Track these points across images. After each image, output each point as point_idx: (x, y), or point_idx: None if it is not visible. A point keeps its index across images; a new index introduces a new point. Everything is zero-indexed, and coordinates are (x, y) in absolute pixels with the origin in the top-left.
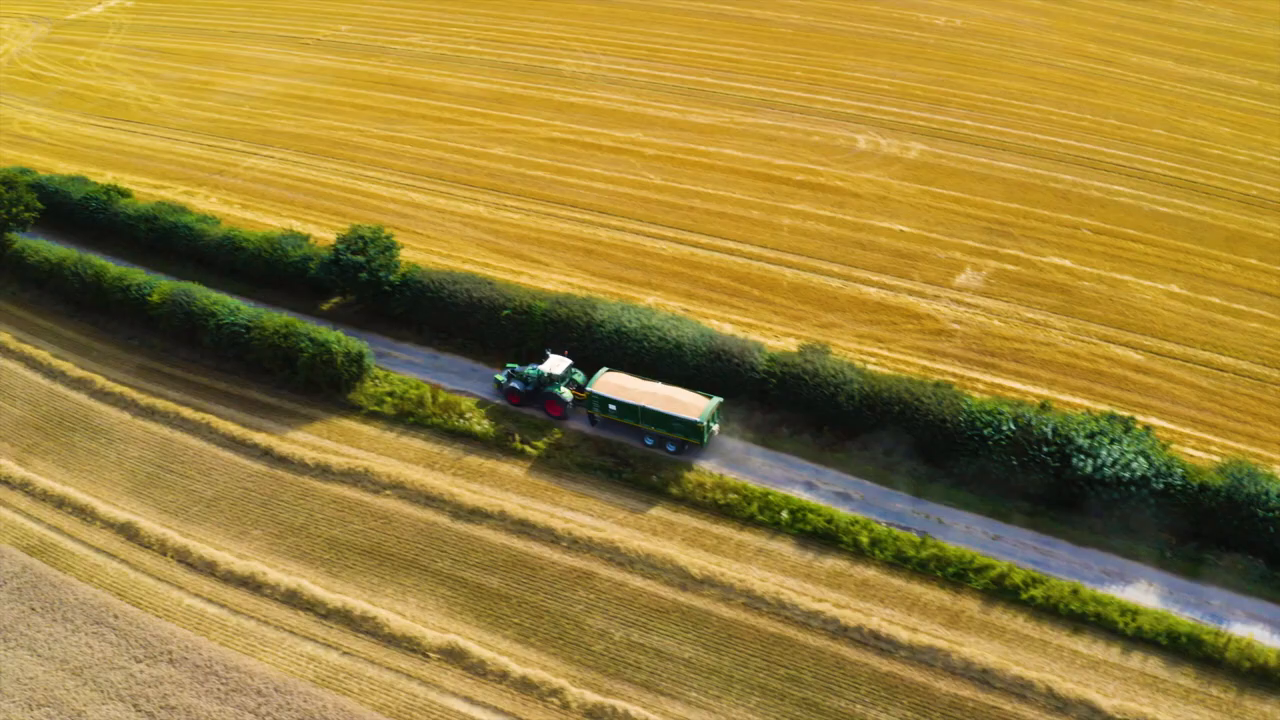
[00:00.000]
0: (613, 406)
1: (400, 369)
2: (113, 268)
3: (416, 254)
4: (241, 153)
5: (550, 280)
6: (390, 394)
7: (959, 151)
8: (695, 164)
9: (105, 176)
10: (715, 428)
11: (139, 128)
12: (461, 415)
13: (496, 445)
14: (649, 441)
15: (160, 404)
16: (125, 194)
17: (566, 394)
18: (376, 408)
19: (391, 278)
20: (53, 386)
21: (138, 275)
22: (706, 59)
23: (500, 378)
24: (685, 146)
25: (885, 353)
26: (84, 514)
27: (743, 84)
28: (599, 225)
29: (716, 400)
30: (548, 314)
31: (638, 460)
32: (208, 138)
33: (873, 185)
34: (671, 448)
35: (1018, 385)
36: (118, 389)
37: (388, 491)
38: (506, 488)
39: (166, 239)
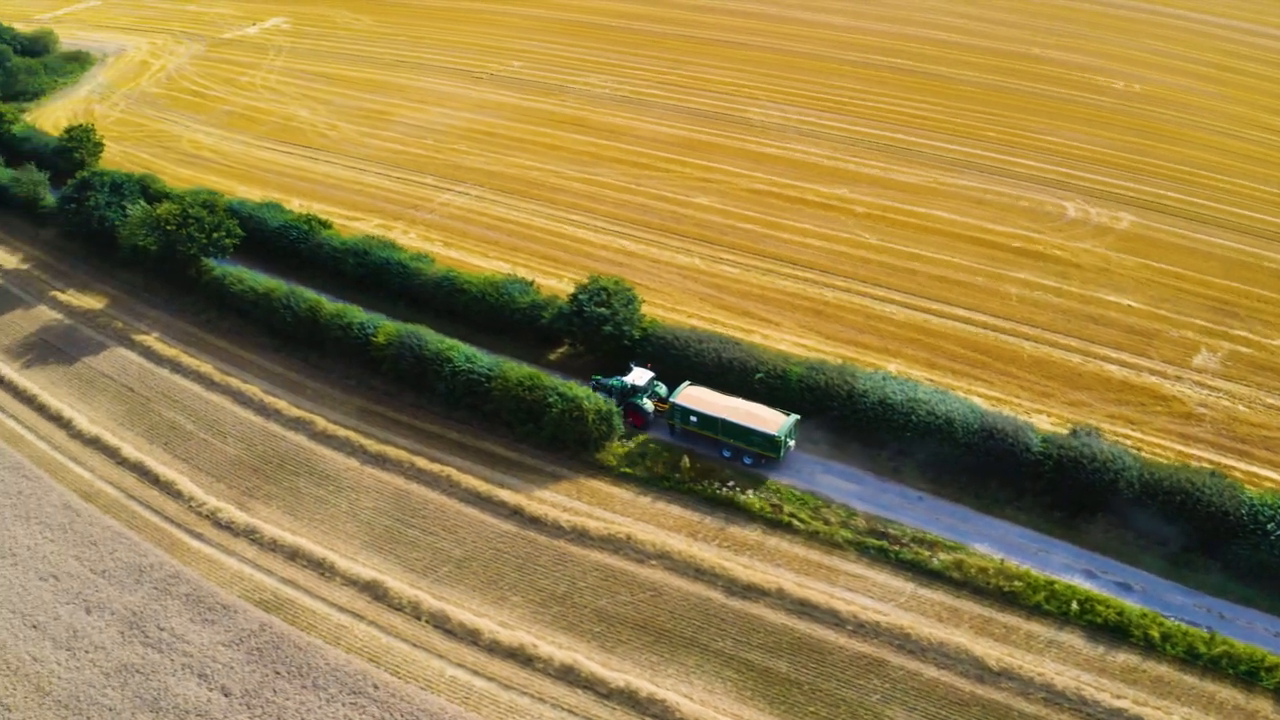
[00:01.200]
0: (694, 419)
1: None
2: (328, 303)
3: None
4: (434, 188)
5: (784, 341)
6: (642, 456)
7: (1169, 225)
8: (909, 225)
9: (292, 204)
10: (792, 443)
11: (319, 155)
12: (723, 484)
13: (760, 517)
14: (726, 454)
15: (391, 452)
16: (326, 224)
17: (648, 405)
18: (628, 470)
19: (633, 332)
20: (267, 425)
21: (357, 313)
22: (895, 114)
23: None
24: (895, 206)
25: (1139, 435)
26: (322, 568)
27: (937, 142)
28: (823, 285)
29: (794, 417)
30: (804, 380)
31: (910, 540)
32: (394, 169)
33: (1091, 256)
34: (748, 460)
35: (1274, 475)
36: (341, 433)
37: (653, 561)
38: (778, 563)
39: (377, 275)
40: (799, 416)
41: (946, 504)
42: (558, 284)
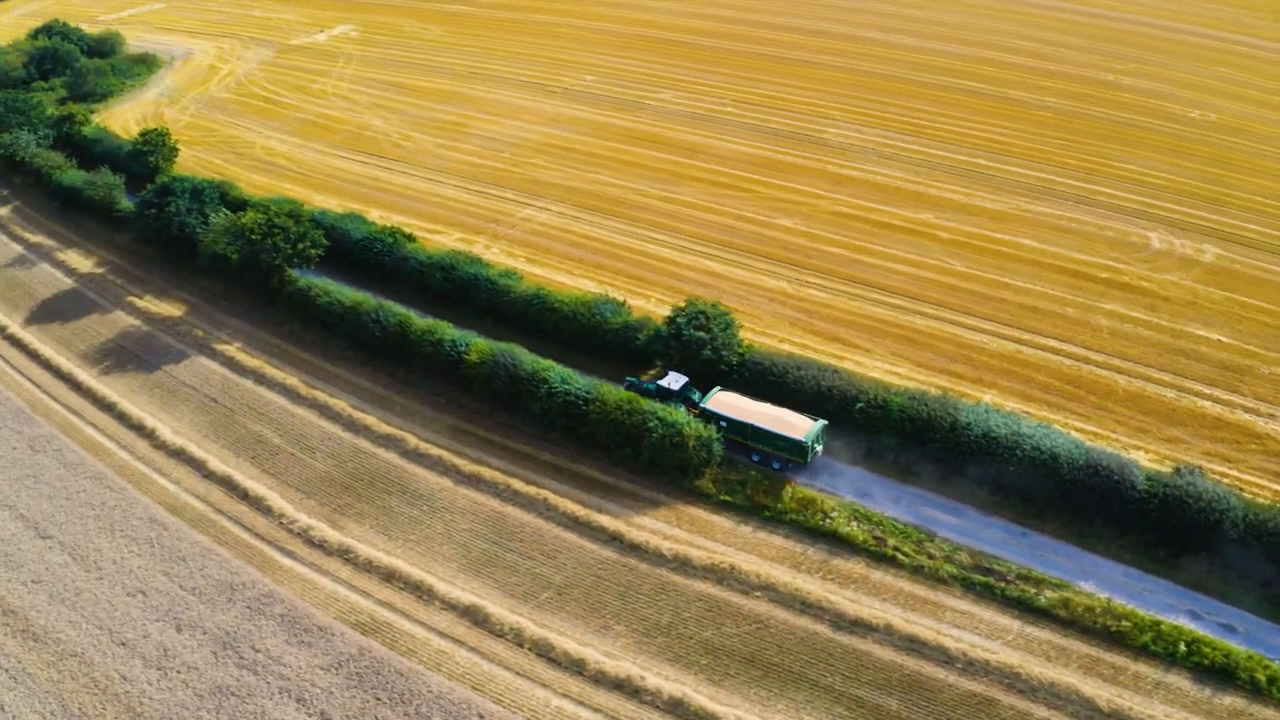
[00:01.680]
0: (724, 423)
1: (739, 454)
2: (417, 319)
3: None
4: (513, 202)
5: (876, 369)
6: (741, 483)
7: (1253, 258)
8: (994, 252)
9: (371, 214)
10: (819, 448)
11: (395, 165)
12: (825, 515)
13: (864, 549)
14: (756, 458)
15: (485, 473)
16: (410, 238)
17: (681, 409)
18: (727, 497)
19: (730, 357)
20: (357, 441)
21: (447, 329)
22: (972, 138)
23: (622, 390)
24: (979, 233)
25: (1235, 474)
26: (420, 591)
27: (1016, 168)
28: (913, 312)
29: (821, 423)
30: (905, 410)
31: (1015, 577)
32: (472, 183)
33: (1179, 289)
34: (776, 465)
35: None
36: (434, 451)
37: (758, 593)
38: (884, 597)
39: (464, 291)
40: (826, 422)
41: (1049, 540)
42: (645, 304)
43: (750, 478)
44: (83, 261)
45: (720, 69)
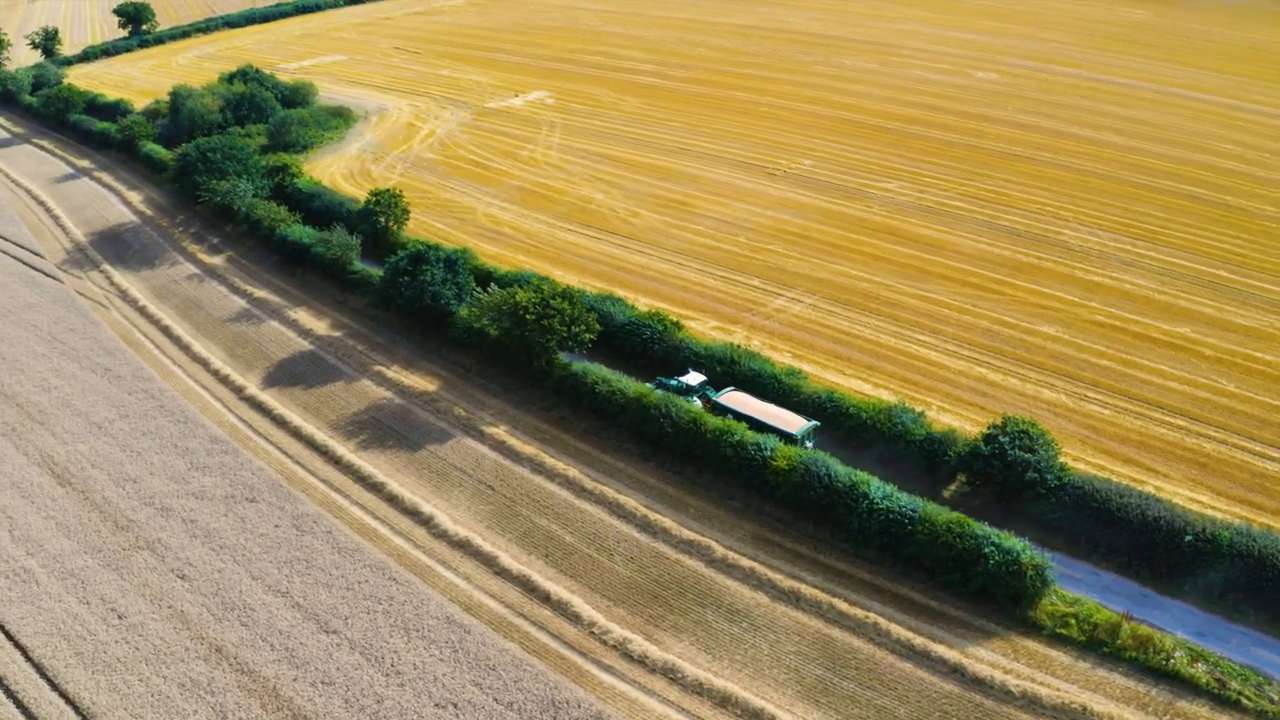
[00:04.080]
0: (731, 415)
1: (1059, 582)
2: (711, 417)
3: None
4: (762, 290)
5: (1176, 496)
6: (1075, 616)
7: None
8: (1261, 373)
9: (616, 294)
10: (810, 444)
11: (627, 243)
12: (1167, 655)
13: (1206, 692)
14: None
15: (804, 590)
16: (678, 325)
17: (697, 402)
18: (1062, 630)
19: (1051, 480)
20: (655, 545)
21: (745, 431)
22: (1206, 247)
23: (650, 385)
24: (1240, 350)
25: None
26: None
27: (1259, 282)
28: (1199, 435)
29: (813, 423)
30: (1234, 545)
31: None
32: (714, 267)
33: None
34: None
35: None
36: (743, 562)
37: None
38: None
39: (743, 389)
40: (818, 423)
41: None
42: (928, 412)
43: (1082, 610)
44: (315, 322)
45: (938, 160)
